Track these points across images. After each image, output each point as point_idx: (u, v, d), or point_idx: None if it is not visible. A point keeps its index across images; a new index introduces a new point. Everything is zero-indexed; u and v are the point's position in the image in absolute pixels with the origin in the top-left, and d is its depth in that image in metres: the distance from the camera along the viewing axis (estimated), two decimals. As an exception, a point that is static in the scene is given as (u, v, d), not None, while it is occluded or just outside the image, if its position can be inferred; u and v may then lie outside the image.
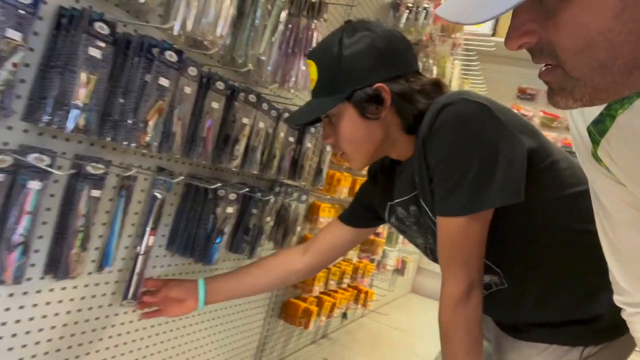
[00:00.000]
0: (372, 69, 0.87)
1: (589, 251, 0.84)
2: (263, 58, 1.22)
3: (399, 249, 3.40)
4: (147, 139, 0.87)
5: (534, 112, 4.17)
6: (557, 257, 0.87)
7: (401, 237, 3.22)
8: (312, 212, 1.89)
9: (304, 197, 1.53)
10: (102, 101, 0.82)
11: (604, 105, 0.53)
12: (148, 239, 1.06)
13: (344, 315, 2.55)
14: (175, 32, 0.95)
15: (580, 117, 0.60)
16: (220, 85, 1.08)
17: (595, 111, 0.56)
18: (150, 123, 0.86)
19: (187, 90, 0.98)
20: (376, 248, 2.51)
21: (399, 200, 1.01)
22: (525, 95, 4.28)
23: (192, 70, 0.98)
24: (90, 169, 0.88)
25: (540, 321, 0.90)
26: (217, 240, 1.17)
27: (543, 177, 0.84)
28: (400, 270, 3.54)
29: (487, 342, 1.10)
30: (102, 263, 1.02)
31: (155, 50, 0.86)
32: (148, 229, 1.05)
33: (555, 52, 0.40)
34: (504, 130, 0.80)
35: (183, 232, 1.19)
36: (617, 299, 0.68)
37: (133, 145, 0.84)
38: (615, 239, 0.64)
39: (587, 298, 0.86)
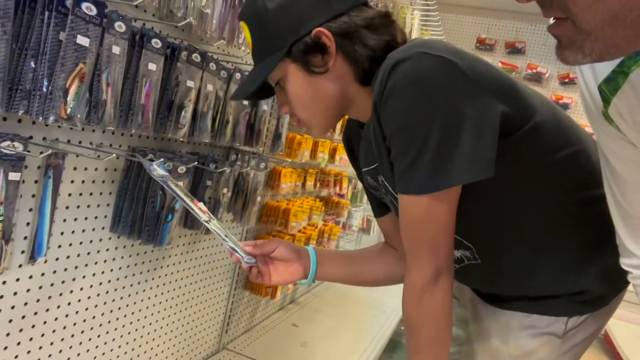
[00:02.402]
0: (305, 14, 0.75)
1: (573, 222, 0.79)
2: (207, 11, 1.08)
3: (364, 209, 3.37)
4: (69, 110, 0.73)
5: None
6: (537, 232, 0.80)
7: (365, 196, 3.19)
8: (273, 178, 1.79)
9: (262, 165, 1.43)
10: (6, 66, 0.67)
11: (616, 62, 0.50)
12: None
13: (312, 279, 2.52)
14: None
15: (591, 75, 0.57)
16: (156, 43, 0.94)
17: (607, 68, 0.52)
18: (71, 91, 0.73)
19: (116, 50, 0.83)
20: (341, 210, 2.45)
21: (365, 169, 0.92)
22: (483, 45, 4.23)
23: (120, 26, 0.83)
24: (4, 148, 0.75)
25: (520, 295, 0.85)
26: (168, 219, 1.06)
27: (522, 145, 0.73)
28: (365, 229, 3.53)
29: (464, 309, 1.06)
30: (34, 253, 0.90)
31: (68, 3, 0.71)
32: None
33: (566, 3, 0.38)
34: (471, 91, 0.66)
35: (128, 212, 1.07)
36: (624, 262, 0.67)
37: (51, 119, 0.71)
38: (624, 201, 0.62)
39: (571, 272, 0.80)
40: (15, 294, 0.90)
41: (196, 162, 1.10)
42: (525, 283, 0.83)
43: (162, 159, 0.94)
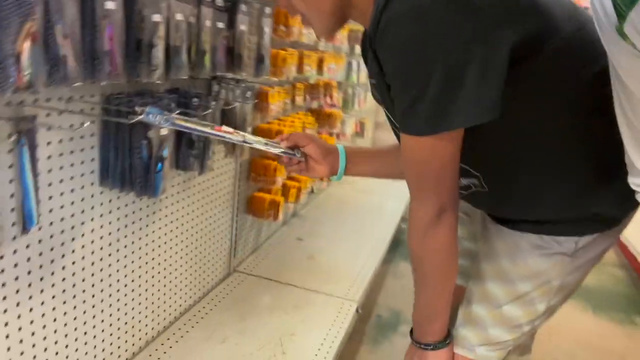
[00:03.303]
0: None
1: (582, 148, 0.76)
2: None
3: (356, 112, 3.30)
4: (26, 76, 0.65)
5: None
6: (545, 159, 0.76)
7: (357, 100, 3.10)
8: (261, 99, 1.71)
9: (249, 94, 1.34)
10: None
11: None
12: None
13: (312, 191, 2.53)
14: None
15: None
16: (110, -24, 0.82)
17: None
18: (24, 55, 0.64)
19: (64, -7, 0.72)
20: (334, 121, 2.39)
21: (370, 80, 0.85)
22: None
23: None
24: (-37, 125, 0.68)
25: (529, 219, 0.84)
26: (158, 168, 1.01)
27: (537, 72, 0.67)
28: (359, 134, 3.49)
29: (475, 225, 1.06)
30: (26, 224, 0.86)
31: (-5, -53, 0.59)
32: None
33: None
34: (476, 25, 0.59)
35: (115, 165, 1.01)
36: (633, 182, 0.66)
37: (9, 91, 0.63)
38: (636, 119, 0.60)
39: (580, 198, 0.78)
40: (15, 265, 0.88)
41: (178, 112, 1.02)
42: (534, 209, 0.82)
43: (149, 107, 0.87)
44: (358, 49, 2.78)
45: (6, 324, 0.88)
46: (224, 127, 0.97)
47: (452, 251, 0.78)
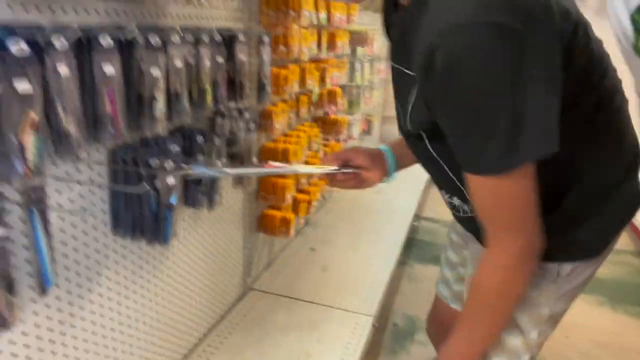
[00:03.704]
0: None
1: (568, 178, 0.76)
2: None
3: (362, 111, 3.28)
4: (32, 165, 0.66)
5: None
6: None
7: (362, 99, 3.08)
8: (265, 118, 1.71)
9: (252, 126, 1.34)
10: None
11: None
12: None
13: (322, 197, 2.54)
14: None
15: (623, 4, 0.51)
16: (104, 39, 0.82)
17: None
18: (28, 145, 0.65)
19: (64, 71, 0.73)
20: (340, 127, 2.38)
21: (392, 63, 0.82)
22: None
23: (60, 44, 0.72)
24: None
25: None
26: (167, 217, 1.03)
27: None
28: (367, 131, 3.47)
29: (460, 238, 1.07)
30: (43, 285, 0.89)
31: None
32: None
33: None
34: (532, 61, 0.58)
35: (126, 215, 1.03)
36: None
37: (16, 182, 0.64)
38: None
39: (562, 225, 0.78)
40: (37, 325, 0.90)
41: (187, 172, 1.03)
42: None
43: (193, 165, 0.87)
44: (360, 50, 2.75)
45: (32, 382, 0.91)
46: (271, 163, 0.96)
47: (521, 300, 0.78)
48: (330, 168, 0.99)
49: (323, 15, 1.86)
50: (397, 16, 0.78)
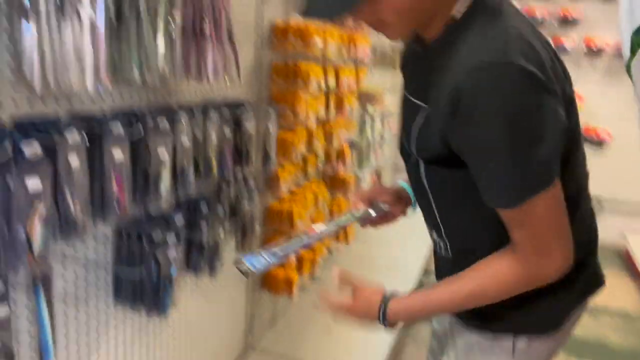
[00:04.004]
0: None
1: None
2: (165, 70, 0.98)
3: (372, 165, 3.33)
4: (37, 253, 0.70)
5: None
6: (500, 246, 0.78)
7: (372, 154, 3.13)
8: (272, 181, 1.76)
9: (255, 199, 1.39)
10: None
11: None
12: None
13: (329, 252, 2.55)
14: (37, 90, 0.74)
15: (629, 24, 0.54)
16: (116, 128, 0.88)
17: None
18: (35, 234, 0.70)
19: (75, 163, 0.78)
20: (348, 185, 2.42)
21: (407, 94, 0.85)
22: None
23: (73, 136, 0.78)
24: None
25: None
26: (167, 288, 1.06)
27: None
28: (377, 184, 3.51)
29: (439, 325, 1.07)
30: (43, 357, 0.91)
31: (6, 146, 0.66)
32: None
33: None
34: (548, 100, 0.66)
35: (127, 284, 1.07)
36: None
37: (21, 272, 0.69)
38: None
39: (525, 297, 0.79)
40: (34, 396, 0.93)
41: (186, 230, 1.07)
42: None
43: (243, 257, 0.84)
44: (371, 107, 2.83)
45: None
46: (313, 227, 0.93)
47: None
48: (362, 210, 0.98)
49: (332, 80, 1.93)
50: (421, 52, 0.82)
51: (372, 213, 0.98)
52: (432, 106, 0.74)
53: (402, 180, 1.07)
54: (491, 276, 0.77)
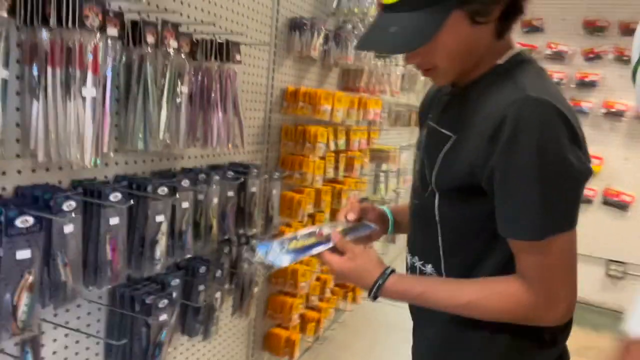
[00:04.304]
0: None
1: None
2: (166, 139, 1.03)
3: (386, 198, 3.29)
4: (21, 323, 0.72)
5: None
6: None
7: (383, 184, 3.08)
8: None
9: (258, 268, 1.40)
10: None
11: None
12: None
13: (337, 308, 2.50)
14: (40, 158, 0.78)
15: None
16: (115, 196, 0.91)
17: None
18: (21, 304, 0.71)
19: (69, 229, 0.81)
20: (357, 243, 2.40)
21: (433, 124, 0.89)
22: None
23: (69, 206, 0.81)
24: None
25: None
26: (155, 355, 1.05)
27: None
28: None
29: None
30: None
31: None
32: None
33: None
34: (578, 145, 0.71)
35: (117, 349, 1.07)
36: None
37: (4, 337, 0.70)
38: None
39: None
40: None
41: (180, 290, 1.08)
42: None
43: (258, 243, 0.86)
44: (384, 166, 2.85)
45: None
46: (324, 230, 0.90)
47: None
48: (367, 227, 0.95)
49: (342, 141, 1.97)
50: (456, 89, 0.87)
51: (371, 226, 0.96)
52: (464, 135, 0.78)
53: (385, 206, 1.07)
54: (497, 293, 0.77)
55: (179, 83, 1.06)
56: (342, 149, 2.00)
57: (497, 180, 0.73)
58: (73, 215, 0.82)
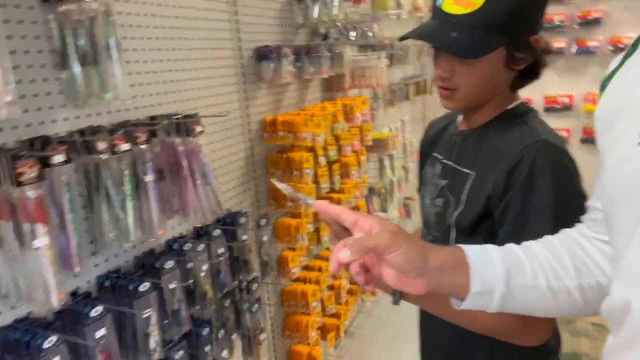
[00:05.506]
0: (537, 20, 0.85)
1: None
2: (138, 236, 1.04)
3: (398, 200, 3.30)
4: None
5: None
6: None
7: (396, 189, 3.10)
8: (282, 265, 1.80)
9: (255, 307, 1.42)
10: None
11: None
12: None
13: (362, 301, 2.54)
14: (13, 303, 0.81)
15: None
16: (96, 311, 0.94)
17: None
18: None
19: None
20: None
21: (446, 161, 0.98)
22: None
23: (50, 341, 0.84)
24: None
25: None
26: None
27: None
28: (407, 214, 3.47)
29: None
30: None
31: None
32: None
33: None
34: (582, 189, 0.81)
35: None
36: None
37: None
38: None
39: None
40: None
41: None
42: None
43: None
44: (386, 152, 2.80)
45: None
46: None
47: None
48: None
49: (333, 152, 1.94)
50: (468, 131, 0.95)
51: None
52: (483, 171, 0.86)
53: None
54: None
55: (142, 172, 1.06)
56: (335, 159, 1.97)
57: (512, 216, 0.80)
58: (58, 346, 0.85)
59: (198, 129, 1.16)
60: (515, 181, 0.80)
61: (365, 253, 0.56)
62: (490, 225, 0.85)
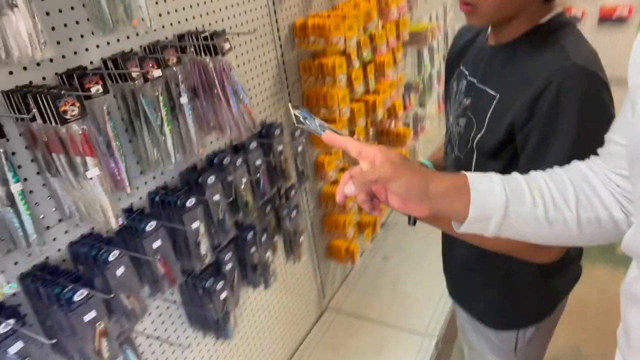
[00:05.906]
0: None
1: None
2: (178, 159, 1.10)
3: (436, 95, 3.19)
4: (108, 357, 0.93)
5: None
6: None
7: (434, 84, 3.00)
8: (318, 169, 1.86)
9: (294, 213, 1.51)
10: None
11: None
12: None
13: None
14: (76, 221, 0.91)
15: None
16: (150, 225, 1.05)
17: None
18: (103, 347, 0.92)
19: (120, 271, 0.97)
20: (404, 139, 2.41)
21: (471, 78, 0.95)
22: None
23: (114, 255, 0.96)
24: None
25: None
26: (227, 323, 1.28)
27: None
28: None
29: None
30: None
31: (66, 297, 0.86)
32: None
33: None
34: (612, 112, 0.77)
35: (196, 316, 1.31)
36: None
37: (100, 372, 0.92)
38: None
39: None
40: (144, 411, 1.25)
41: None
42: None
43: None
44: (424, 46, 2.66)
45: None
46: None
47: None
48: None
49: (367, 53, 1.87)
50: (497, 47, 0.90)
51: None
52: (507, 95, 0.83)
53: (425, 160, 1.13)
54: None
55: (177, 95, 1.09)
56: (369, 59, 1.91)
57: (533, 142, 0.78)
58: (121, 258, 0.97)
59: (226, 46, 1.15)
60: (539, 109, 0.77)
61: (368, 186, 0.62)
62: (512, 150, 0.83)
